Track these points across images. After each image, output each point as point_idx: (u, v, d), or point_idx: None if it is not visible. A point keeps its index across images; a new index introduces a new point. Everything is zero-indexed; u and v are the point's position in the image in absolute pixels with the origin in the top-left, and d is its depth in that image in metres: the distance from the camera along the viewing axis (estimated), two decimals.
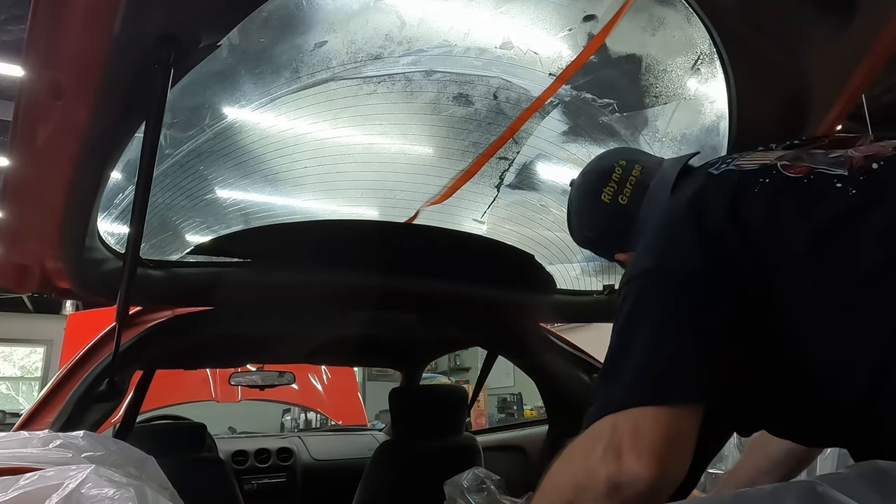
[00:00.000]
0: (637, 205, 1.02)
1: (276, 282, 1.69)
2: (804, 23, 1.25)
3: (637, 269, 0.84)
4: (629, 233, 1.03)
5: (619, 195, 1.04)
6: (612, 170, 1.06)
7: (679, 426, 0.68)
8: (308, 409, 5.96)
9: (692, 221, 0.82)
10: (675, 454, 0.68)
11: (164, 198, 1.48)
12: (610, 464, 0.66)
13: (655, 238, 0.88)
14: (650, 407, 0.69)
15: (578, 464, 0.71)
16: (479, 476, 1.40)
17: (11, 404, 9.30)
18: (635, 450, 0.66)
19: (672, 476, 0.68)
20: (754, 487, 0.73)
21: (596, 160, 1.14)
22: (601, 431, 0.70)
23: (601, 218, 1.08)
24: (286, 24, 1.17)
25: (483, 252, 1.87)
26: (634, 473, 0.65)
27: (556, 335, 2.26)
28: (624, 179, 1.04)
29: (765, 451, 1.14)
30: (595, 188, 1.07)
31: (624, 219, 1.03)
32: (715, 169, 0.89)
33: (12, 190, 1.11)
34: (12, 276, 1.34)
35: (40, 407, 1.54)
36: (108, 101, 0.95)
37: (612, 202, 1.04)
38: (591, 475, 0.67)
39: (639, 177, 1.04)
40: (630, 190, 1.03)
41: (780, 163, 0.85)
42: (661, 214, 0.91)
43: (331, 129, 1.48)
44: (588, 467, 0.68)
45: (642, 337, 0.76)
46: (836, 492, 0.65)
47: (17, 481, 0.64)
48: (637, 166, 1.05)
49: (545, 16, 1.30)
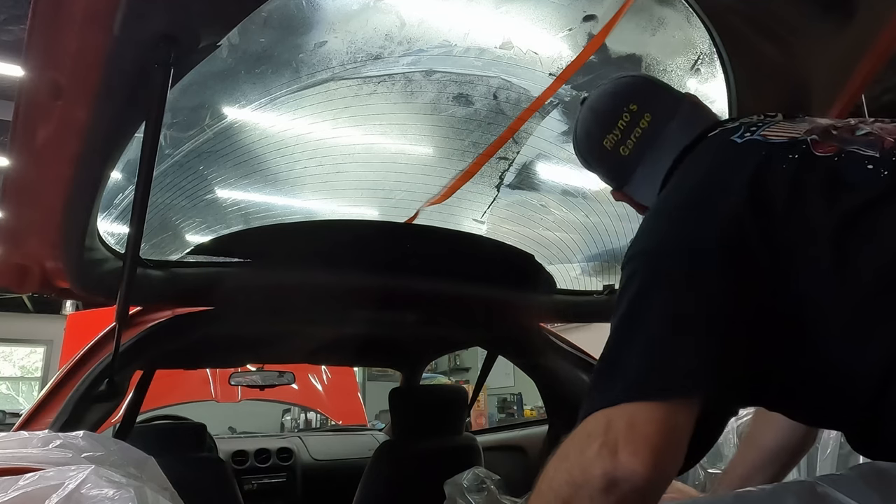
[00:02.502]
0: (639, 158, 0.97)
1: (276, 282, 1.69)
2: (804, 23, 1.25)
3: (640, 248, 0.81)
4: (627, 181, 1.00)
5: (622, 146, 0.98)
6: (620, 116, 0.99)
7: (675, 421, 0.67)
8: (308, 409, 5.96)
9: (706, 197, 0.78)
10: (671, 449, 0.67)
11: (164, 198, 1.48)
12: (605, 460, 0.65)
13: (662, 213, 0.83)
14: (647, 402, 0.68)
15: (573, 461, 0.69)
16: (479, 476, 1.40)
17: (11, 404, 9.29)
18: (631, 445, 0.65)
19: (668, 471, 0.67)
20: (755, 487, 0.73)
21: (608, 93, 1.04)
22: (596, 427, 0.69)
23: (600, 160, 1.04)
24: (286, 24, 1.17)
25: (483, 252, 1.87)
26: (630, 469, 0.64)
27: (556, 335, 2.26)
28: (629, 129, 0.98)
29: (758, 445, 1.14)
30: (598, 131, 1.01)
31: (623, 169, 0.99)
32: (738, 137, 0.84)
33: (12, 190, 1.11)
34: (12, 276, 1.34)
35: (40, 407, 1.54)
36: (108, 101, 0.95)
37: (612, 150, 0.99)
38: (587, 471, 0.66)
39: (645, 129, 0.97)
40: (633, 143, 0.98)
41: (809, 137, 0.80)
42: (672, 185, 0.86)
43: (331, 129, 1.48)
44: (583, 464, 0.67)
45: (643, 329, 0.73)
46: (836, 492, 0.65)
47: (16, 481, 0.64)
48: (647, 116, 0.98)
49: (545, 16, 1.30)
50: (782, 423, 1.11)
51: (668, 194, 0.88)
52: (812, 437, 1.14)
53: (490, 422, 7.95)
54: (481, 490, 1.38)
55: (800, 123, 0.85)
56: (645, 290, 0.76)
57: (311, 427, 6.19)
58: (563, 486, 0.69)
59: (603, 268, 2.03)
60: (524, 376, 2.38)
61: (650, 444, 0.65)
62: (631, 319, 0.75)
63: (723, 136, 0.87)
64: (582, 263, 2.01)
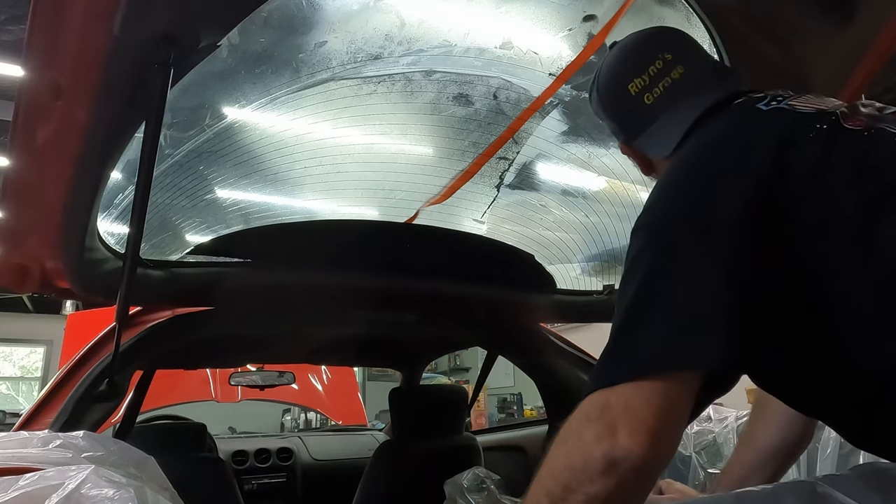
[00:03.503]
0: (661, 110, 0.93)
1: (276, 282, 1.69)
2: (804, 23, 1.25)
3: (655, 215, 0.78)
4: (641, 133, 0.96)
5: (647, 93, 0.94)
6: (652, 62, 0.95)
7: (674, 399, 0.67)
8: (308, 409, 5.96)
9: (728, 166, 0.76)
10: (670, 428, 0.66)
11: (164, 198, 1.48)
12: (604, 441, 0.64)
13: (680, 177, 0.81)
14: (646, 380, 0.66)
15: (572, 444, 0.68)
16: (479, 476, 1.40)
17: (11, 404, 9.29)
18: (629, 426, 0.64)
19: (666, 450, 0.67)
20: (755, 487, 0.73)
21: (643, 38, 1.01)
22: (593, 410, 0.68)
23: (619, 105, 0.99)
24: (286, 24, 1.17)
25: (483, 252, 1.87)
26: (628, 449, 0.63)
27: (556, 335, 2.26)
28: (659, 77, 0.94)
29: (756, 446, 1.14)
30: (626, 73, 0.97)
31: (641, 118, 0.95)
32: (764, 105, 0.82)
33: (12, 190, 1.11)
34: (12, 276, 1.34)
35: (40, 407, 1.54)
36: (108, 101, 0.95)
37: (636, 96, 0.95)
38: (586, 454, 0.66)
39: (676, 80, 0.93)
40: (660, 92, 0.94)
41: (839, 110, 0.78)
42: (692, 145, 0.84)
43: (331, 129, 1.48)
44: (582, 447, 0.66)
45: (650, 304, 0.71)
46: (836, 492, 0.65)
47: (16, 481, 0.63)
48: (679, 68, 0.94)
49: (545, 16, 1.30)
50: (779, 422, 1.11)
51: (687, 155, 0.85)
52: (808, 436, 1.14)
53: (490, 422, 7.95)
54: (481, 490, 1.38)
55: (826, 99, 0.84)
56: (653, 263, 0.74)
57: (311, 427, 6.19)
58: (563, 471, 0.68)
59: (603, 268, 2.03)
60: (524, 376, 2.38)
61: (648, 424, 0.64)
62: (642, 289, 0.73)
63: (749, 103, 0.85)
64: (582, 263, 2.01)
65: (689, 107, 0.90)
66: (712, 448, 1.61)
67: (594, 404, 0.68)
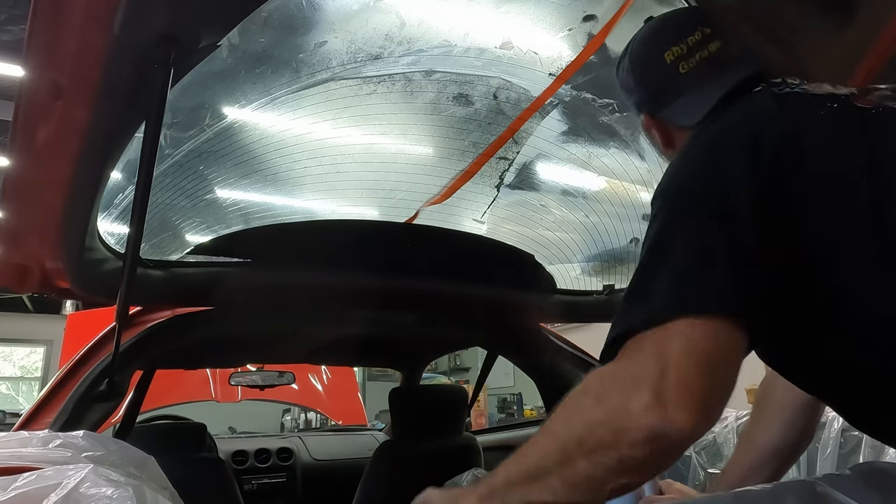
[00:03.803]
0: (694, 81, 0.94)
1: (276, 282, 1.69)
2: (804, 23, 1.25)
3: (675, 182, 0.81)
4: (670, 103, 0.97)
5: (683, 62, 0.95)
6: (691, 33, 0.96)
7: (723, 344, 0.66)
8: (308, 409, 5.96)
9: (744, 141, 0.78)
10: (720, 392, 0.66)
11: (164, 198, 1.48)
12: (655, 414, 0.62)
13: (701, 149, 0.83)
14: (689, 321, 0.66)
15: (617, 404, 0.65)
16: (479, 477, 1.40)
17: (11, 404, 9.29)
18: (684, 400, 0.62)
19: (713, 420, 0.66)
20: (755, 487, 0.73)
21: (683, 12, 1.05)
22: (645, 370, 0.65)
23: (652, 73, 1.00)
24: (286, 24, 1.17)
25: (483, 252, 1.87)
26: (681, 426, 0.62)
27: (556, 335, 2.26)
28: (697, 48, 0.95)
29: (756, 446, 1.14)
30: (664, 41, 0.98)
31: (674, 86, 0.96)
32: (777, 89, 0.85)
33: (12, 190, 1.11)
34: (12, 276, 1.34)
35: (40, 407, 1.54)
36: (108, 101, 0.95)
37: (671, 64, 0.96)
38: (633, 420, 0.63)
39: (713, 53, 0.94)
40: (696, 63, 0.95)
41: (850, 92, 0.82)
42: (714, 123, 0.86)
43: (331, 129, 1.48)
44: (630, 411, 0.64)
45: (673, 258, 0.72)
46: (836, 492, 0.65)
47: (14, 481, 0.63)
48: (717, 43, 0.95)
49: (545, 16, 1.30)
50: (779, 422, 1.11)
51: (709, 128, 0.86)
52: (809, 436, 1.14)
53: (490, 422, 7.94)
54: None
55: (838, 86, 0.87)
56: (681, 216, 0.76)
57: (311, 427, 6.19)
58: (601, 428, 0.66)
59: (603, 268, 2.03)
60: (524, 376, 2.38)
61: (702, 398, 0.63)
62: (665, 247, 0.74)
63: (767, 87, 0.88)
64: (582, 263, 2.01)
65: (720, 81, 0.92)
66: (712, 448, 1.61)
67: (645, 360, 0.66)
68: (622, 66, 1.06)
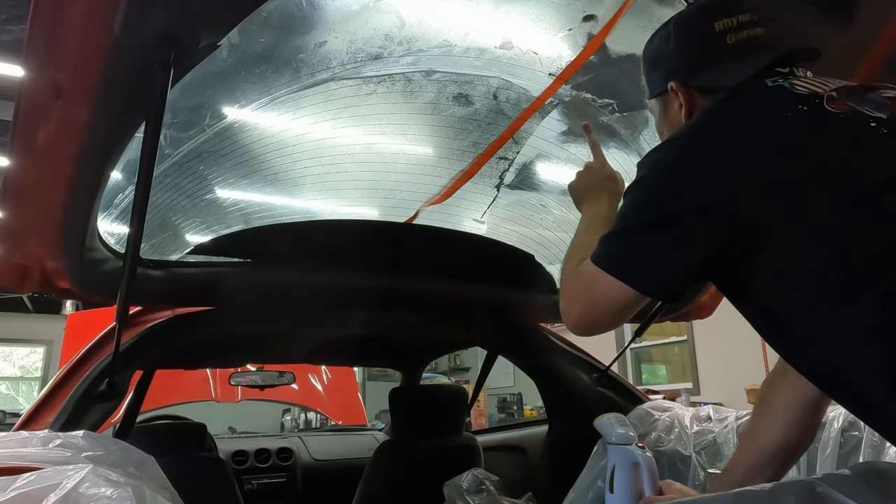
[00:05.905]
0: (736, 55, 0.98)
1: (276, 282, 1.69)
2: (804, 23, 1.25)
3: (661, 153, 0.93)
4: (709, 70, 1.01)
5: (731, 34, 0.99)
6: (743, 12, 1.01)
7: (630, 306, 0.91)
8: (308, 409, 5.96)
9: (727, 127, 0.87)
10: (613, 321, 0.95)
11: (164, 198, 1.48)
12: (577, 306, 0.98)
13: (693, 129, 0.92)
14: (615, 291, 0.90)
15: (571, 283, 1.02)
16: (479, 477, 1.40)
17: (11, 404, 9.29)
18: (586, 322, 0.97)
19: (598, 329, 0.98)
20: (755, 487, 0.73)
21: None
22: (585, 284, 0.95)
23: (698, 38, 1.03)
24: (286, 24, 1.17)
25: (483, 252, 1.87)
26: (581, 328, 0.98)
27: (556, 335, 2.26)
28: (744, 27, 0.99)
29: (757, 445, 1.14)
30: (717, 11, 1.01)
31: (718, 54, 1.00)
32: (771, 80, 0.90)
33: (12, 190, 1.11)
34: (12, 276, 1.34)
35: (40, 407, 1.54)
36: (108, 101, 0.95)
37: (720, 34, 1.00)
38: (566, 317, 1.00)
39: (754, 37, 0.99)
40: (742, 39, 0.99)
41: (828, 94, 0.85)
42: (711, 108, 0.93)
43: (331, 129, 1.48)
44: (566, 312, 1.00)
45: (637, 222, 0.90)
46: (835, 492, 0.65)
47: (14, 481, 0.63)
48: (759, 30, 1.00)
49: (545, 16, 1.30)
50: (781, 422, 1.11)
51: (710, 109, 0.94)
52: (811, 436, 1.14)
53: (490, 422, 7.95)
54: (480, 491, 1.38)
55: (832, 81, 0.91)
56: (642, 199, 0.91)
57: (311, 427, 6.19)
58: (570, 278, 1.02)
59: None
60: (524, 376, 2.38)
61: (593, 325, 0.97)
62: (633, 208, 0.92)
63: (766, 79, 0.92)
64: None
65: (753, 61, 0.97)
66: (712, 448, 1.61)
67: (594, 276, 0.93)
68: (658, 35, 1.10)
